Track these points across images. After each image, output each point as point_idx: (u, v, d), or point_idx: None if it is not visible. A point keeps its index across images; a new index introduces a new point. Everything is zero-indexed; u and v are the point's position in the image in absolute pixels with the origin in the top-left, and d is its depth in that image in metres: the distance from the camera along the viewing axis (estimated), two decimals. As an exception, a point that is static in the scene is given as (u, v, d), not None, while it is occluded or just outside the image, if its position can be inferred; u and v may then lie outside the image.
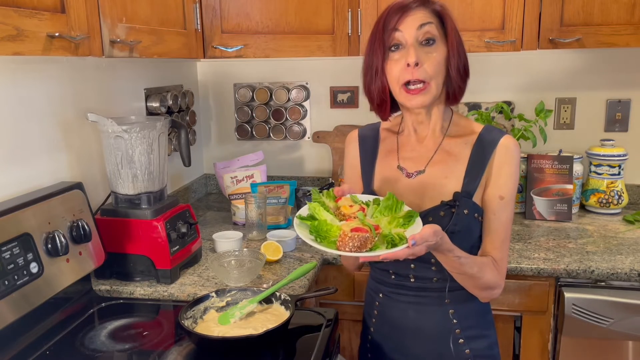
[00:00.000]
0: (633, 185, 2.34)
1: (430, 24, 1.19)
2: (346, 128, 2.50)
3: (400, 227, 1.12)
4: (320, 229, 1.10)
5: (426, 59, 1.19)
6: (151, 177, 1.59)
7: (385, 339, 1.39)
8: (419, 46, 1.19)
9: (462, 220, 1.23)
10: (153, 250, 1.57)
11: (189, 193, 2.50)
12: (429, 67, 1.19)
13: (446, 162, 1.28)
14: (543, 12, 1.92)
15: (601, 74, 2.31)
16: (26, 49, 1.10)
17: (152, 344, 1.31)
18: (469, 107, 2.37)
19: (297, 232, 1.11)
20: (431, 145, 1.30)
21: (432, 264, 1.27)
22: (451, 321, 1.30)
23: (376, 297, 1.39)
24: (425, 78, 1.19)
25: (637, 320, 1.67)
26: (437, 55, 1.20)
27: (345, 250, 1.05)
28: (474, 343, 1.31)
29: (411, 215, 1.13)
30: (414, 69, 1.18)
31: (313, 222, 1.12)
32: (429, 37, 1.19)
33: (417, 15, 1.19)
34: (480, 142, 1.27)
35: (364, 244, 1.05)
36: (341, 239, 1.06)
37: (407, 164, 1.31)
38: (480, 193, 1.26)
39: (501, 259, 1.27)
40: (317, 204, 1.16)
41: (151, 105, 2.08)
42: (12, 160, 1.45)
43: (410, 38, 1.19)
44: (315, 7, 2.00)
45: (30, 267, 1.27)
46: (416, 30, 1.18)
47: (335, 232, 1.09)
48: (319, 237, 1.10)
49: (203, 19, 1.96)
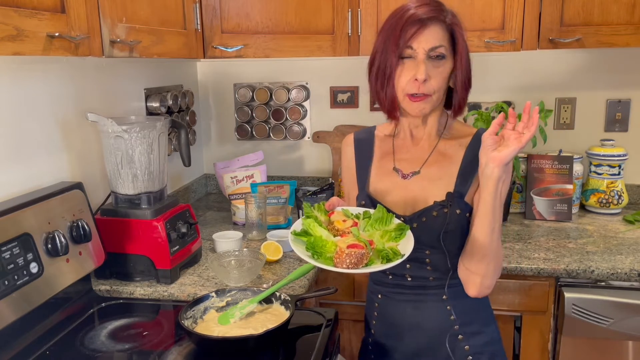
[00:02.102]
0: (633, 185, 2.34)
1: (442, 46, 1.21)
2: (346, 128, 2.50)
3: (392, 240, 1.15)
4: (316, 245, 1.13)
5: (434, 74, 1.21)
6: (151, 177, 1.59)
7: (385, 338, 1.39)
8: (428, 60, 1.21)
9: (455, 220, 1.24)
10: (153, 250, 1.57)
11: (189, 193, 2.50)
12: (435, 82, 1.22)
13: (441, 163, 1.30)
14: (543, 12, 1.92)
15: (601, 74, 2.31)
16: (26, 49, 1.10)
17: (152, 344, 1.31)
18: (469, 107, 2.37)
19: (293, 247, 1.14)
20: (427, 147, 1.32)
21: (427, 263, 1.28)
22: (449, 317, 1.31)
23: (375, 298, 1.40)
24: (430, 92, 1.22)
25: (637, 320, 1.67)
26: (443, 70, 1.23)
27: (342, 267, 1.08)
28: (473, 339, 1.31)
29: (402, 229, 1.17)
30: (421, 84, 1.21)
31: (309, 238, 1.15)
32: (440, 55, 1.21)
33: (432, 34, 1.20)
34: (473, 144, 1.29)
35: (360, 260, 1.08)
36: (338, 255, 1.09)
37: (403, 165, 1.33)
38: (472, 193, 1.27)
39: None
40: (311, 220, 1.18)
41: (151, 105, 2.08)
42: (12, 160, 1.44)
43: (422, 55, 1.21)
44: (315, 7, 2.00)
45: (30, 267, 1.27)
46: (428, 52, 1.21)
47: (330, 248, 1.12)
48: (315, 254, 1.12)
49: (203, 19, 1.96)
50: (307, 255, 1.12)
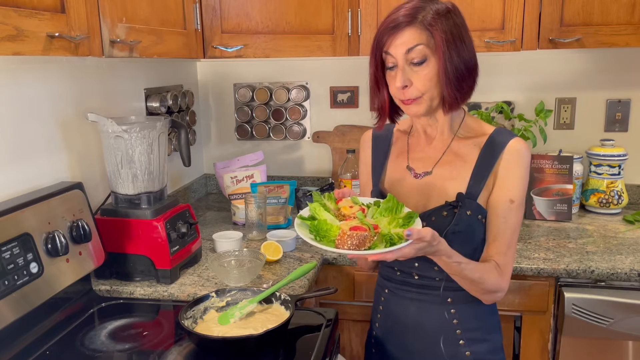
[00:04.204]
0: (633, 185, 2.34)
1: (418, 45, 1.18)
2: (346, 128, 2.50)
3: (399, 227, 1.13)
4: (320, 228, 1.12)
5: (416, 78, 1.20)
6: (151, 177, 1.59)
7: (388, 334, 1.40)
8: (408, 67, 1.20)
9: (464, 221, 1.23)
10: (153, 250, 1.57)
11: (189, 193, 2.50)
12: (419, 84, 1.20)
13: (453, 163, 1.28)
14: (543, 12, 1.92)
15: (601, 74, 2.31)
16: (26, 49, 1.10)
17: (152, 344, 1.31)
18: (469, 107, 2.37)
19: (297, 231, 1.13)
20: (440, 146, 1.32)
21: (435, 263, 1.26)
22: (451, 321, 1.30)
23: (382, 292, 1.40)
24: (417, 95, 1.21)
25: (637, 320, 1.67)
26: (428, 72, 1.19)
27: (343, 248, 1.06)
28: (475, 346, 1.31)
29: (411, 216, 1.14)
30: (404, 91, 1.21)
31: (313, 221, 1.14)
32: (419, 59, 1.19)
33: (406, 37, 1.18)
34: (489, 145, 1.27)
35: (362, 242, 1.06)
36: (340, 237, 1.07)
37: (416, 164, 1.33)
38: (485, 195, 1.25)
39: (505, 264, 1.25)
40: (317, 204, 1.18)
41: (151, 105, 2.08)
42: (12, 160, 1.44)
43: (400, 60, 1.20)
44: (315, 7, 2.00)
45: (30, 267, 1.27)
46: (405, 55, 1.19)
47: (334, 232, 1.10)
48: (318, 236, 1.11)
49: (203, 19, 1.96)
50: (310, 237, 1.11)
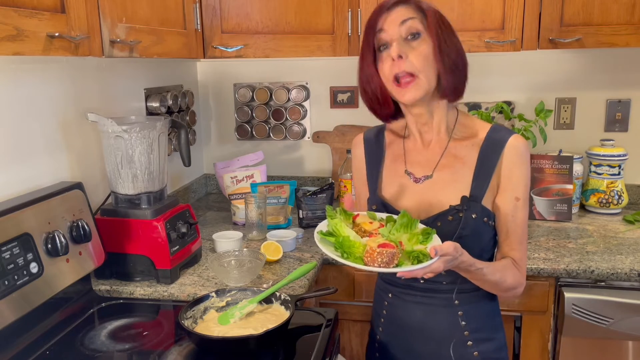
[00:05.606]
0: (633, 185, 2.34)
1: (413, 18, 1.19)
2: (346, 128, 2.50)
3: (419, 243, 1.14)
4: (344, 244, 1.12)
5: (411, 52, 1.18)
6: (151, 177, 1.59)
7: (393, 338, 1.38)
8: (403, 42, 1.19)
9: (471, 224, 1.22)
10: (153, 250, 1.57)
11: (189, 193, 2.50)
12: (414, 59, 1.18)
13: (453, 166, 1.27)
14: (543, 12, 1.92)
15: (601, 74, 2.31)
16: (26, 49, 1.10)
17: (152, 344, 1.31)
18: (469, 107, 2.37)
19: (321, 247, 1.13)
20: (437, 149, 1.29)
21: None
22: (460, 323, 1.29)
23: (385, 297, 1.38)
24: (413, 70, 1.18)
25: (637, 320, 1.67)
26: (423, 49, 1.18)
27: (374, 265, 1.07)
28: (482, 345, 1.30)
29: (428, 233, 1.15)
30: (399, 62, 1.18)
31: (337, 238, 1.14)
32: (413, 31, 1.18)
33: (399, 13, 1.19)
34: (487, 144, 1.25)
35: (391, 259, 1.07)
36: (369, 254, 1.08)
37: (415, 168, 1.31)
38: (490, 196, 1.24)
39: (520, 258, 1.26)
40: (338, 220, 1.18)
41: (151, 105, 2.08)
42: (12, 160, 1.44)
43: (394, 35, 1.19)
44: (315, 7, 2.00)
45: (30, 267, 1.27)
46: (399, 27, 1.18)
47: (358, 248, 1.11)
48: (344, 253, 1.11)
49: (203, 19, 1.96)
50: (337, 255, 1.11)
